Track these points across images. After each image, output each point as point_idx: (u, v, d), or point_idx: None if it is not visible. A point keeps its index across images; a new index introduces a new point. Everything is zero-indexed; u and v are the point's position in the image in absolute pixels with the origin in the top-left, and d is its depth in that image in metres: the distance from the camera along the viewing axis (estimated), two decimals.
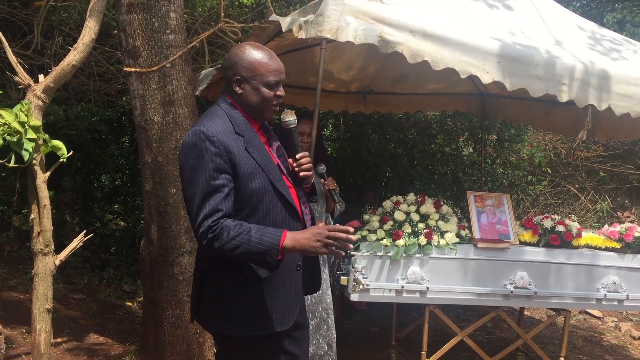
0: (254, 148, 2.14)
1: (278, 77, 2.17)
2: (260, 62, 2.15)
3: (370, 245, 3.60)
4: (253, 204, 2.11)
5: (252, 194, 2.09)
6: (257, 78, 2.15)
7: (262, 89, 2.16)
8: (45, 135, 2.98)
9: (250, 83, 2.16)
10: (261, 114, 2.22)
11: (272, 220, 2.12)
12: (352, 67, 4.97)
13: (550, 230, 3.85)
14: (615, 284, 3.82)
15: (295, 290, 2.21)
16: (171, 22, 3.47)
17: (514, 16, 3.80)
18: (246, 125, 2.18)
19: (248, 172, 2.09)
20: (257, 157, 2.13)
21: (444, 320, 3.82)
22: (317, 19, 2.94)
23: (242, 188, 2.08)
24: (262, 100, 2.17)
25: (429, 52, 3.06)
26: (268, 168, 2.15)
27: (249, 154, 2.12)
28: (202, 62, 4.83)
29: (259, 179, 2.11)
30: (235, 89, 2.18)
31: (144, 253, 3.79)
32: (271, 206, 2.13)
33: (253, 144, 2.15)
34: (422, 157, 6.78)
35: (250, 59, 2.15)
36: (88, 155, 5.58)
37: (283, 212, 2.16)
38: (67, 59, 3.04)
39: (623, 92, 3.38)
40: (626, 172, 8.69)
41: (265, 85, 2.15)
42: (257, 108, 2.19)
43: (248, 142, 2.14)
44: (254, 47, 2.20)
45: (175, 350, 3.64)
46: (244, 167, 2.08)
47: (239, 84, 2.17)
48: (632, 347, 5.47)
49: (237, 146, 2.09)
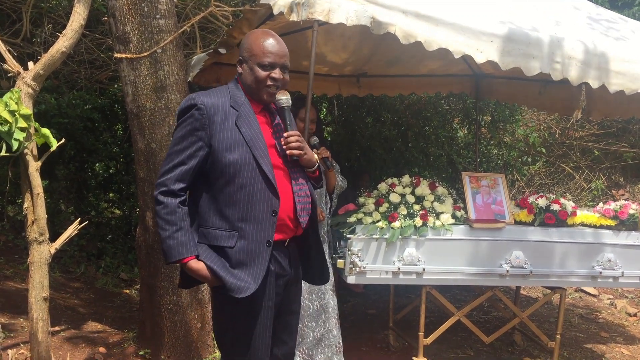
0: (244, 122, 2.26)
1: (273, 59, 2.28)
2: (257, 44, 2.29)
3: (366, 227, 3.61)
4: (229, 174, 2.22)
5: (228, 164, 2.21)
6: (253, 58, 2.29)
7: (256, 68, 2.28)
8: (35, 124, 2.95)
9: (247, 63, 2.31)
10: (257, 93, 2.32)
11: (248, 193, 2.22)
12: (345, 50, 4.93)
13: (545, 209, 3.86)
14: (611, 261, 3.84)
15: (262, 263, 2.25)
16: (161, 6, 3.43)
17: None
18: (245, 102, 2.31)
19: (228, 143, 2.22)
20: (245, 132, 2.25)
21: (440, 301, 3.84)
22: (309, 1, 2.91)
23: (218, 158, 2.21)
24: (254, 79, 2.29)
25: (422, 33, 3.04)
26: (254, 143, 2.25)
27: (237, 127, 2.24)
28: (194, 47, 4.79)
29: (240, 152, 2.22)
30: (238, 68, 2.35)
31: (139, 240, 3.78)
32: (250, 180, 2.22)
33: (245, 119, 2.27)
34: (416, 139, 6.77)
35: (250, 42, 2.32)
36: (81, 143, 5.55)
37: (263, 187, 2.24)
38: (56, 46, 3.00)
39: (617, 69, 3.37)
40: (620, 150, 8.72)
41: (258, 66, 2.29)
42: (251, 87, 2.32)
43: (240, 117, 2.26)
44: (260, 32, 2.36)
45: (173, 336, 3.65)
46: (224, 137, 2.22)
47: (240, 64, 2.35)
48: (628, 323, 5.52)
49: (225, 117, 2.24)
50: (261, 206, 2.23)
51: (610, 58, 3.36)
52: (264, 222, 2.24)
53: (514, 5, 3.65)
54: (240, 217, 2.22)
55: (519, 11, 3.56)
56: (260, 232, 2.23)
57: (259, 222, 2.23)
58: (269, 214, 2.24)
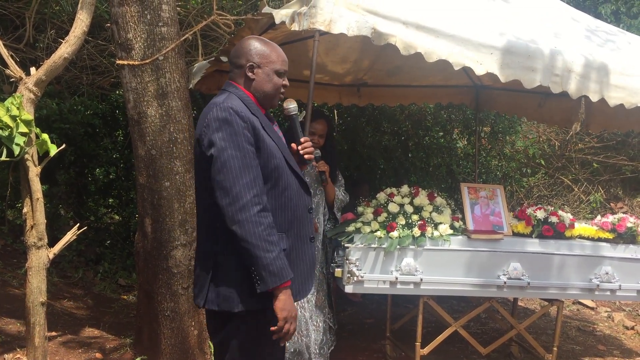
0: (268, 128, 2.28)
1: (285, 67, 2.34)
2: (273, 51, 2.31)
3: (365, 237, 3.61)
4: (275, 178, 2.24)
5: (273, 169, 2.23)
6: (270, 65, 2.30)
7: (273, 75, 2.30)
8: (36, 129, 2.96)
9: (262, 69, 2.29)
10: (270, 100, 2.34)
11: (289, 194, 2.27)
12: (346, 60, 4.96)
13: (543, 221, 3.87)
14: (608, 274, 3.85)
15: (310, 260, 2.37)
16: (164, 14, 3.46)
17: (508, 8, 3.80)
18: (257, 108, 2.30)
19: (268, 149, 2.22)
20: (273, 137, 2.28)
21: (438, 311, 3.84)
22: (310, 10, 2.93)
23: (266, 163, 2.21)
24: (273, 86, 2.32)
25: (422, 44, 3.06)
26: (281, 146, 2.30)
27: (266, 133, 2.25)
28: (196, 54, 4.81)
29: (277, 156, 2.26)
30: (248, 74, 2.29)
31: (138, 246, 3.79)
32: (288, 182, 2.28)
33: (267, 125, 2.29)
34: (416, 149, 6.78)
35: (262, 47, 2.31)
36: (82, 149, 5.56)
37: (298, 187, 2.32)
38: (58, 52, 3.02)
39: (617, 83, 3.39)
40: (619, 163, 8.72)
41: (276, 73, 2.31)
42: (267, 93, 2.32)
43: (263, 123, 2.27)
44: (262, 38, 2.38)
45: (170, 342, 3.65)
46: (267, 142, 2.22)
47: (252, 70, 2.29)
48: (625, 337, 5.51)
49: (255, 125, 2.21)
50: (301, 205, 2.33)
51: (610, 71, 3.37)
52: (303, 219, 2.34)
53: (514, 17, 3.67)
54: (287, 218, 2.28)
55: (519, 23, 3.58)
56: (303, 229, 2.33)
57: (301, 220, 2.33)
58: (306, 211, 2.35)
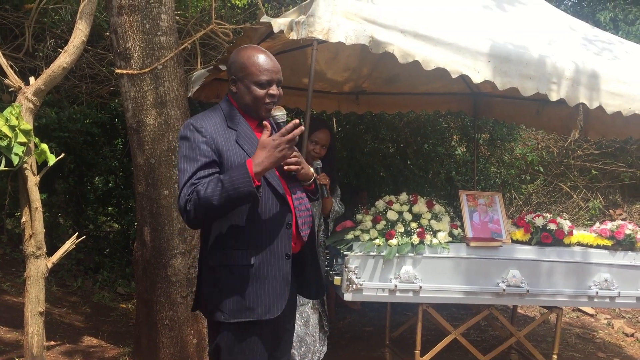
0: (244, 141, 2.27)
1: (270, 76, 2.27)
2: (251, 62, 2.26)
3: (363, 245, 3.61)
4: None
5: None
6: (249, 77, 2.26)
7: (253, 87, 2.27)
8: (35, 139, 2.97)
9: (243, 82, 2.28)
10: (255, 112, 2.32)
11: (261, 207, 2.23)
12: (345, 68, 4.97)
13: (542, 229, 3.86)
14: (607, 282, 3.84)
15: (284, 278, 2.28)
16: (162, 23, 3.47)
17: (506, 16, 3.82)
18: (241, 120, 2.31)
19: (235, 162, 2.20)
20: (248, 149, 2.25)
21: (437, 319, 3.83)
22: (308, 19, 2.94)
23: None
24: (253, 98, 2.28)
25: (420, 53, 3.07)
26: None
27: (239, 145, 2.25)
28: (195, 63, 4.83)
29: None
30: (231, 88, 2.32)
31: (137, 255, 3.78)
32: (262, 195, 2.21)
33: (244, 137, 2.28)
34: (415, 157, 6.79)
35: (242, 60, 2.28)
36: (81, 157, 5.57)
37: (274, 201, 2.27)
38: (57, 62, 3.04)
39: (614, 90, 3.40)
40: (618, 170, 8.74)
41: (256, 84, 2.27)
42: (249, 106, 2.31)
43: (239, 135, 2.27)
44: (250, 49, 2.33)
45: (169, 351, 3.64)
46: (231, 155, 2.21)
47: (234, 84, 2.31)
48: (625, 344, 5.50)
49: (227, 138, 2.24)
50: (276, 220, 2.26)
51: (607, 79, 3.38)
52: (279, 235, 2.26)
53: (511, 26, 3.69)
54: (256, 233, 2.23)
55: (516, 31, 3.60)
56: (277, 245, 2.26)
57: (275, 235, 2.25)
58: (283, 226, 2.28)
